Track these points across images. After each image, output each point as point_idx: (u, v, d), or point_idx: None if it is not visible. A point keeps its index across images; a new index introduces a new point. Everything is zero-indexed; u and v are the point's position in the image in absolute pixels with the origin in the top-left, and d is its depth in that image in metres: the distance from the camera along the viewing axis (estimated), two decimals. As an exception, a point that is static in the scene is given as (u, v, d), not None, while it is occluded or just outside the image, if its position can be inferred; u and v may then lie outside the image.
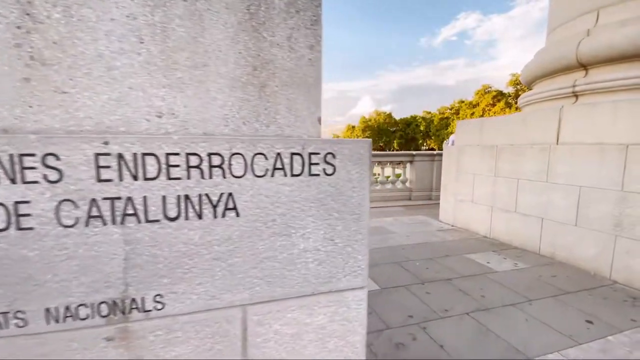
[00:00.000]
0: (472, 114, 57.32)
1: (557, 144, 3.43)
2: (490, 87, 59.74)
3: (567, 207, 3.28)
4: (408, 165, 7.45)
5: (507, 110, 50.61)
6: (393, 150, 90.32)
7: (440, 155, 7.24)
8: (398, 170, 7.65)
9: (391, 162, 7.28)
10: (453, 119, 62.67)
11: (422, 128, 79.50)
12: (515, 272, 3.10)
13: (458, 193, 4.87)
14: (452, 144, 7.40)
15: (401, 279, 2.90)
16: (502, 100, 55.95)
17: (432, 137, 72.50)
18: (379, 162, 7.21)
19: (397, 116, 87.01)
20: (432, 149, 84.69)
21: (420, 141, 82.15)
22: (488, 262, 3.33)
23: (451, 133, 60.20)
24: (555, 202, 3.41)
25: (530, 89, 4.58)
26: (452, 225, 4.96)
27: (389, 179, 7.38)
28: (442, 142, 66.56)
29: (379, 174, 7.35)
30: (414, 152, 7.26)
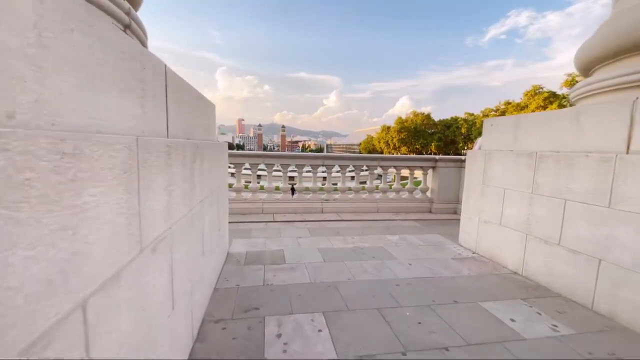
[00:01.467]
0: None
1: (626, 152, 2.34)
2: (542, 88, 54.74)
3: (639, 246, 2.19)
4: (430, 171, 6.38)
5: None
6: (430, 154, 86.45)
7: (469, 161, 6.10)
8: (409, 175, 6.61)
9: (409, 166, 6.27)
10: (498, 122, 58.26)
11: (463, 130, 75.03)
12: (552, 341, 2.08)
13: (483, 211, 3.82)
14: (480, 149, 6.22)
15: (375, 340, 2.02)
16: (555, 103, 50.94)
17: (474, 141, 68.04)
18: (395, 167, 6.24)
19: (437, 117, 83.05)
20: (474, 153, 79.62)
21: (461, 144, 77.57)
22: (512, 320, 2.33)
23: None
24: (621, 237, 2.32)
25: (588, 77, 3.41)
26: (474, 253, 3.92)
27: (406, 186, 6.37)
28: (484, 145, 62.28)
29: (393, 180, 6.38)
30: (437, 157, 6.18)
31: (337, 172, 6.04)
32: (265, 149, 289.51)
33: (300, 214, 5.66)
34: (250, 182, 5.93)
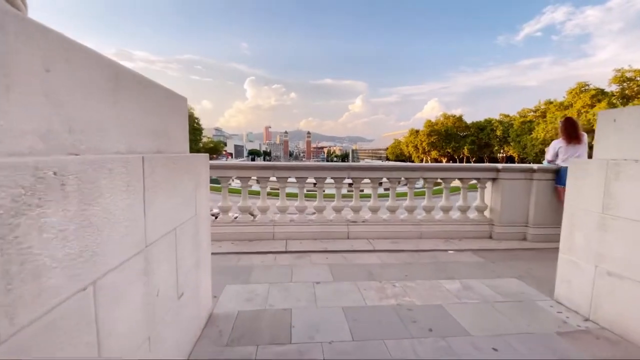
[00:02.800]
0: (564, 116, 48.52)
1: None
2: (588, 85, 50.14)
3: None
4: (489, 184, 4.93)
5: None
6: (463, 159, 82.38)
7: (544, 172, 4.61)
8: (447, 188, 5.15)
9: (462, 178, 4.87)
10: (538, 123, 53.97)
11: (498, 133, 70.67)
12: None
13: (604, 256, 2.40)
14: (556, 157, 4.71)
15: None
16: (604, 101, 46.44)
17: (511, 144, 63.63)
18: (443, 179, 4.86)
19: (469, 120, 79.03)
20: (511, 158, 74.84)
21: (496, 147, 73.07)
22: None
23: (536, 139, 51.75)
24: None
25: None
26: (586, 319, 2.49)
27: (459, 205, 4.96)
28: (523, 149, 57.75)
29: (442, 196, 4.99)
30: (500, 166, 4.73)
31: (367, 184, 4.76)
32: (291, 155, 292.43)
33: (320, 240, 4.43)
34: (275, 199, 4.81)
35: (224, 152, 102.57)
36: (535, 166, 4.65)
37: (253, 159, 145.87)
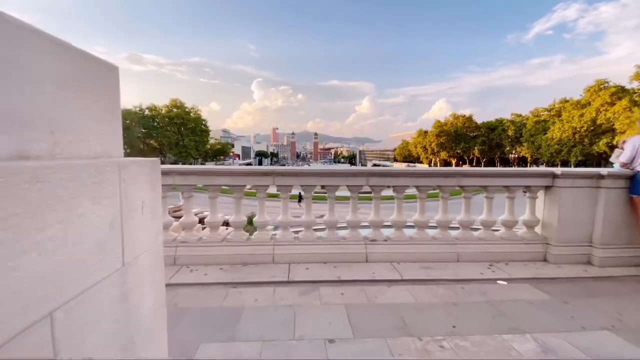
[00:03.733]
0: (581, 115, 46.72)
1: None
2: (608, 83, 48.27)
3: None
4: (541, 193, 3.96)
5: (636, 109, 39.31)
6: (473, 160, 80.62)
7: (616, 178, 3.62)
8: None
9: (509, 186, 3.90)
10: (554, 122, 52.15)
11: (510, 133, 68.77)
12: None
13: None
14: (632, 160, 3.69)
15: None
16: (625, 98, 44.57)
17: (525, 144, 61.74)
18: (484, 186, 3.91)
19: (478, 120, 77.21)
20: (524, 158, 72.91)
21: (508, 148, 71.15)
22: None
23: (552, 139, 50.01)
24: None
25: None
26: None
27: (503, 219, 4.00)
28: (537, 149, 55.85)
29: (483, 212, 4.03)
30: (558, 171, 3.75)
31: (389, 191, 3.83)
32: (298, 156, 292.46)
33: (332, 264, 3.52)
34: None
35: (231, 154, 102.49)
36: (604, 171, 3.67)
37: (260, 161, 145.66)
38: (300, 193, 4.02)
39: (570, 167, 54.65)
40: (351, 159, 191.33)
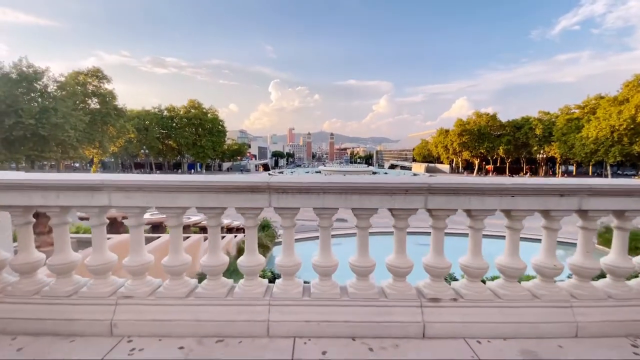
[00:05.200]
0: (620, 112, 43.06)
1: None
2: (649, 76, 44.38)
3: None
4: None
5: None
6: (497, 160, 76.88)
7: None
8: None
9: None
10: (588, 120, 48.46)
11: (537, 132, 64.92)
12: None
13: None
14: None
15: None
16: (671, 93, 40.79)
17: (555, 143, 57.90)
18: (620, 211, 2.32)
19: (502, 118, 73.46)
20: (552, 159, 68.71)
21: (535, 147, 67.22)
22: None
23: (587, 138, 46.50)
24: None
25: None
26: None
27: (637, 261, 2.43)
28: (570, 149, 52.07)
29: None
30: None
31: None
32: (314, 157, 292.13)
33: (366, 343, 2.08)
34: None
35: (248, 154, 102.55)
36: None
37: (276, 161, 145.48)
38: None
39: (607, 168, 50.69)
40: (368, 159, 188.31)
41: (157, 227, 11.25)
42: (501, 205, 2.19)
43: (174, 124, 76.08)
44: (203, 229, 12.37)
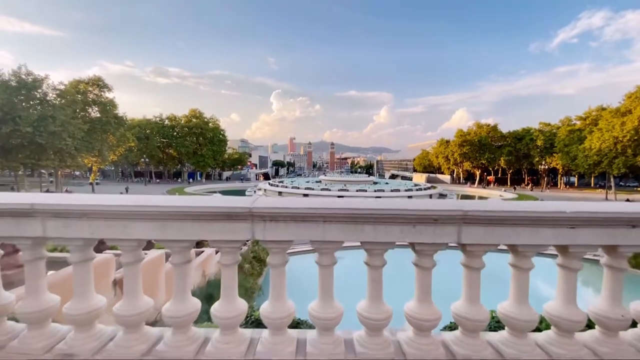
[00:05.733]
0: (623, 124, 42.72)
1: None
2: (651, 88, 44.17)
3: None
4: None
5: None
6: (499, 171, 76.43)
7: None
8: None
9: None
10: (591, 131, 48.11)
11: (539, 143, 64.56)
12: None
13: None
14: None
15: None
16: (673, 105, 40.59)
17: (558, 154, 57.41)
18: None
19: (502, 129, 73.22)
20: (554, 170, 68.21)
21: (537, 159, 66.74)
22: None
23: (590, 150, 46.14)
24: None
25: None
26: None
27: None
28: (572, 160, 51.52)
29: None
30: None
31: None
32: (314, 166, 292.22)
33: None
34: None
35: (249, 163, 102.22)
36: None
37: (277, 171, 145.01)
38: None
39: (610, 179, 50.06)
40: (368, 169, 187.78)
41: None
42: (557, 239, 1.67)
43: (175, 133, 76.03)
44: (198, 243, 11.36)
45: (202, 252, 9.63)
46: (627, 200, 44.35)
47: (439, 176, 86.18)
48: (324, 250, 1.68)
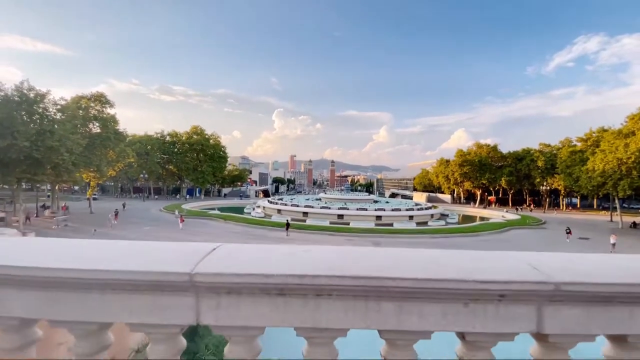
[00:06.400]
0: (626, 145, 42.44)
1: None
2: (653, 110, 44.24)
3: None
4: None
5: None
6: (499, 191, 75.75)
7: None
8: None
9: None
10: (593, 152, 47.80)
11: (539, 164, 64.15)
12: None
13: None
14: None
15: None
16: (675, 127, 40.49)
17: (560, 175, 56.83)
18: None
19: (501, 150, 73.08)
20: (556, 191, 67.59)
21: (538, 179, 66.08)
22: None
23: (593, 171, 45.70)
24: None
25: None
26: None
27: None
28: (575, 181, 50.74)
29: None
30: None
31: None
32: (314, 183, 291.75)
33: None
34: None
35: (249, 180, 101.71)
36: None
37: (277, 187, 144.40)
38: (287, 221, 1.44)
39: (614, 200, 49.22)
40: (368, 187, 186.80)
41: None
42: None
43: (176, 149, 75.96)
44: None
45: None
46: (634, 223, 43.45)
47: (440, 195, 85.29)
48: (317, 340, 1.03)
